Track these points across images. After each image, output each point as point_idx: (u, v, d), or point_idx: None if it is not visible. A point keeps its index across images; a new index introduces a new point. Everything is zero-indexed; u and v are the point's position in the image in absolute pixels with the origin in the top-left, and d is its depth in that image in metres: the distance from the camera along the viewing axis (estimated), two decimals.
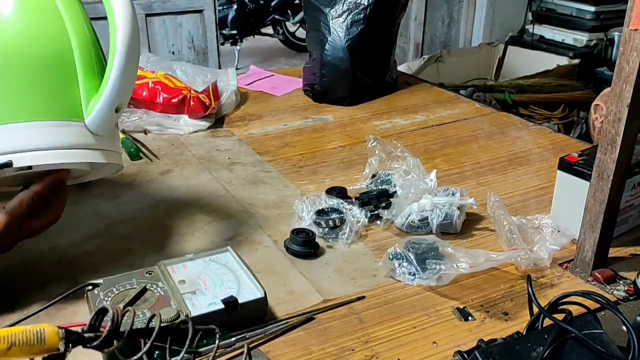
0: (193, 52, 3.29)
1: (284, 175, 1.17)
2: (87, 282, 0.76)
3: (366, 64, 1.58)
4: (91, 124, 0.75)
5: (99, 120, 0.75)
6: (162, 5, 3.12)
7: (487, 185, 1.15)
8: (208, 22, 3.26)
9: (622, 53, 0.75)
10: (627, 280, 0.85)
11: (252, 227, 0.99)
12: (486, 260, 0.83)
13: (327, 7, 1.58)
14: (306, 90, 1.63)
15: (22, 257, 0.89)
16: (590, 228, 0.85)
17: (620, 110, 0.76)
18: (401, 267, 0.85)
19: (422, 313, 0.79)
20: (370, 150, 1.10)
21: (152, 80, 1.40)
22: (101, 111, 0.74)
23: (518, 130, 1.42)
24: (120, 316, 0.56)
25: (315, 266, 0.89)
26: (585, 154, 0.95)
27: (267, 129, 1.40)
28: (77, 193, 1.05)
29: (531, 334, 0.67)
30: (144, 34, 3.11)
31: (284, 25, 5.36)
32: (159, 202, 1.07)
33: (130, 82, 0.77)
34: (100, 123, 0.75)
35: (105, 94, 0.74)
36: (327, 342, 0.73)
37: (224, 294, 0.74)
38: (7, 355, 0.50)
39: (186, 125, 1.37)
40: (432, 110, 1.55)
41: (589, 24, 3.74)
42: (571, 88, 3.24)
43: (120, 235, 0.96)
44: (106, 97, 0.74)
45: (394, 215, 0.98)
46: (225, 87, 1.50)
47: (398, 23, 1.67)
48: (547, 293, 0.82)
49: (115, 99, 0.75)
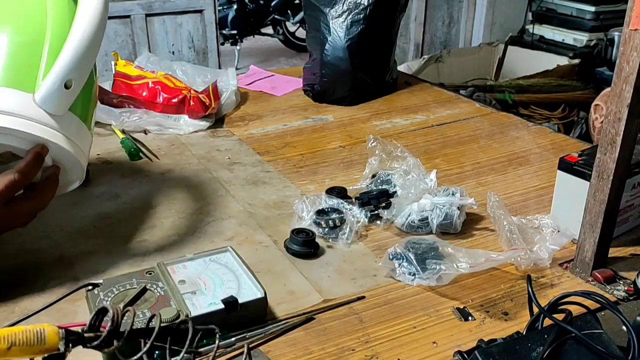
0: (193, 52, 3.29)
1: (284, 175, 1.17)
2: (87, 282, 0.76)
3: (366, 64, 1.58)
4: (39, 96, 0.74)
5: (47, 93, 0.74)
6: (162, 5, 3.12)
7: (487, 185, 1.15)
8: (208, 22, 3.26)
9: (622, 53, 0.75)
10: (627, 280, 0.85)
11: (252, 227, 0.99)
12: (486, 260, 0.83)
13: (327, 7, 1.58)
14: (306, 90, 1.63)
15: (22, 257, 0.89)
16: (590, 228, 0.85)
17: (620, 110, 0.76)
18: (401, 267, 0.85)
19: (422, 313, 0.79)
20: (370, 150, 1.10)
21: (152, 80, 1.40)
22: (49, 83, 0.73)
23: (518, 130, 1.42)
24: (120, 316, 0.56)
25: (315, 266, 0.89)
26: (585, 154, 0.95)
27: (267, 129, 1.41)
28: (77, 193, 1.05)
29: (531, 334, 0.67)
30: (144, 33, 3.11)
31: (284, 25, 5.36)
32: (159, 202, 1.07)
33: (86, 59, 0.76)
34: (48, 97, 0.74)
35: (55, 66, 0.73)
36: (327, 342, 0.73)
37: (224, 294, 0.74)
38: (7, 355, 0.50)
39: (186, 125, 1.37)
40: (432, 110, 1.55)
41: (589, 24, 3.75)
42: (571, 88, 3.24)
43: (120, 235, 0.96)
44: (55, 69, 0.73)
45: (394, 215, 0.98)
46: (225, 87, 1.50)
47: (398, 23, 1.67)
48: (547, 293, 0.82)
49: (64, 72, 0.73)
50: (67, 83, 0.75)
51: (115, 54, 1.53)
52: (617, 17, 3.64)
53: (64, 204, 1.02)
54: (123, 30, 3.07)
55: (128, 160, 1.22)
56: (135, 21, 3.08)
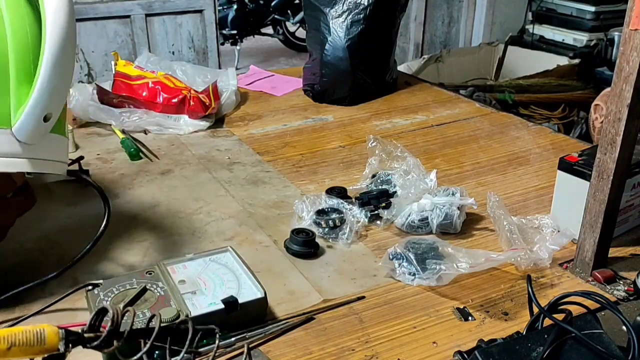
0: (193, 52, 3.29)
1: (284, 175, 1.17)
2: (87, 282, 0.76)
3: (366, 64, 1.58)
4: (18, 131, 0.70)
5: (26, 128, 0.71)
6: (162, 5, 3.12)
7: (487, 185, 1.15)
8: (208, 22, 3.26)
9: (622, 53, 0.75)
10: (627, 280, 0.85)
11: (252, 227, 0.99)
12: (486, 260, 0.83)
13: (327, 7, 1.58)
14: (306, 90, 1.63)
15: (21, 257, 0.89)
16: (590, 228, 0.85)
17: (620, 110, 0.76)
18: (401, 267, 0.85)
19: (422, 313, 0.79)
20: (370, 150, 1.10)
21: (152, 80, 1.40)
22: (28, 119, 0.70)
23: (518, 130, 1.42)
24: (120, 316, 0.56)
25: (315, 266, 0.89)
26: (585, 154, 0.95)
27: (267, 129, 1.41)
28: (77, 193, 1.06)
29: (531, 334, 0.67)
30: (144, 33, 3.11)
31: (284, 25, 5.36)
32: (159, 202, 1.07)
33: (60, 89, 0.73)
34: (28, 131, 0.71)
35: (32, 101, 0.70)
36: (327, 342, 0.73)
37: (224, 294, 0.74)
38: (7, 355, 0.50)
39: (186, 125, 1.37)
40: (432, 110, 1.55)
41: (589, 24, 3.74)
42: (571, 88, 3.24)
43: (120, 235, 0.96)
44: (33, 104, 0.70)
45: (394, 215, 0.98)
46: (225, 87, 1.50)
47: (398, 23, 1.67)
48: (547, 293, 0.82)
49: (42, 106, 0.71)
50: (46, 116, 0.72)
51: (115, 54, 1.53)
52: (617, 17, 3.64)
53: (64, 203, 1.02)
54: (123, 30, 3.07)
55: (128, 160, 1.22)
56: (135, 21, 3.08)
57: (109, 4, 2.97)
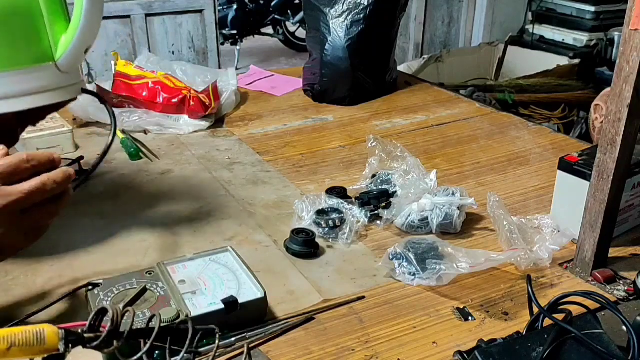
0: (193, 52, 3.29)
1: (284, 175, 1.17)
2: (87, 282, 0.76)
3: (366, 64, 1.58)
4: (63, 64, 0.77)
5: (71, 61, 0.78)
6: (162, 5, 3.12)
7: (487, 185, 1.15)
8: (208, 22, 3.26)
9: (622, 53, 0.75)
10: (627, 280, 0.85)
11: (252, 227, 0.99)
12: (486, 260, 0.83)
13: (327, 7, 1.58)
14: (306, 90, 1.63)
15: (22, 257, 0.89)
16: (590, 228, 0.85)
17: (620, 110, 0.76)
18: (401, 267, 0.85)
19: (422, 313, 0.79)
20: (370, 150, 1.10)
21: (152, 80, 1.40)
22: (73, 52, 0.77)
23: (518, 130, 1.42)
24: (120, 316, 0.55)
25: (315, 266, 0.89)
26: (585, 154, 0.95)
27: (267, 129, 1.41)
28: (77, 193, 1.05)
29: (531, 334, 0.67)
30: (144, 33, 3.11)
31: (284, 25, 5.36)
32: (159, 202, 1.07)
33: (98, 24, 0.80)
34: (72, 63, 0.78)
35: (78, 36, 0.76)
36: (327, 342, 0.73)
37: (224, 294, 0.74)
38: (7, 355, 0.50)
39: (186, 125, 1.37)
40: (432, 110, 1.55)
41: (589, 24, 3.74)
42: (571, 88, 3.24)
43: (120, 235, 0.96)
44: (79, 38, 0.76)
45: (394, 215, 0.98)
46: (225, 87, 1.50)
47: (398, 23, 1.67)
48: (547, 293, 0.82)
49: (85, 40, 0.77)
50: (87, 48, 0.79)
51: (115, 54, 1.53)
52: (617, 17, 3.64)
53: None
54: (123, 30, 3.07)
55: (128, 160, 1.22)
56: (135, 21, 3.08)
57: (109, 4, 2.96)
